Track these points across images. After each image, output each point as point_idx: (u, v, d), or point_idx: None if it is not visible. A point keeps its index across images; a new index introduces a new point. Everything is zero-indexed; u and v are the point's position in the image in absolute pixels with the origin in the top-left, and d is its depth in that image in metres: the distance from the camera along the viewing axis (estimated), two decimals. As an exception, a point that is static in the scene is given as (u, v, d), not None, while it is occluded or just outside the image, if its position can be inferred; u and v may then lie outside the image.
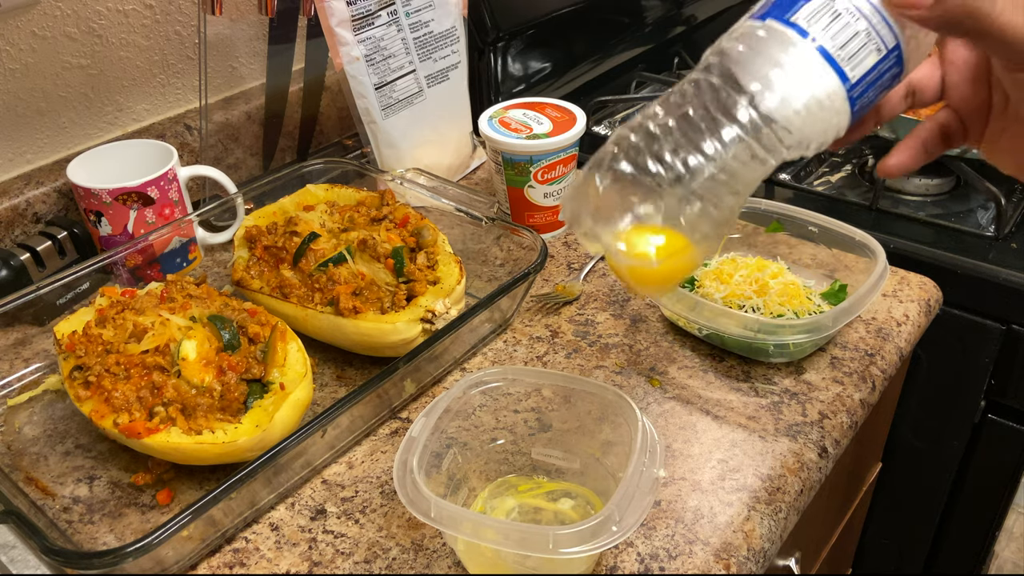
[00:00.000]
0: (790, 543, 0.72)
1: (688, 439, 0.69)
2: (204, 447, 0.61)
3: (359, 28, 0.90)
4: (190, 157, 1.00)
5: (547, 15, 1.24)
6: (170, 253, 0.86)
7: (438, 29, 0.98)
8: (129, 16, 0.95)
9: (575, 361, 0.77)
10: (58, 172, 0.90)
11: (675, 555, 0.60)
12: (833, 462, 0.71)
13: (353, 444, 0.69)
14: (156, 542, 0.53)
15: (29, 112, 0.90)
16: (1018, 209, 0.99)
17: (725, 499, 0.64)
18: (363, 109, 0.93)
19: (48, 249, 0.86)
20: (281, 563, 0.60)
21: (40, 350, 0.78)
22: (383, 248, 0.76)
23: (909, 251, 0.94)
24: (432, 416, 0.59)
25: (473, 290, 0.84)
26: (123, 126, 0.99)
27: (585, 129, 0.92)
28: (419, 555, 0.60)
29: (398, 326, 0.71)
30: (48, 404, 0.73)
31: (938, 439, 1.09)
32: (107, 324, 0.69)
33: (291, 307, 0.74)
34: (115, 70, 0.96)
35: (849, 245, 0.81)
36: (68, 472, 0.67)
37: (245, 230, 0.81)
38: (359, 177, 0.93)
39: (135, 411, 0.63)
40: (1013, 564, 1.66)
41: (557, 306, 0.85)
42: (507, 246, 0.84)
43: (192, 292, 0.73)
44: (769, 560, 0.63)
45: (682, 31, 1.54)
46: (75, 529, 0.62)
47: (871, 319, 0.82)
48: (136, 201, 0.83)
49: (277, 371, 0.67)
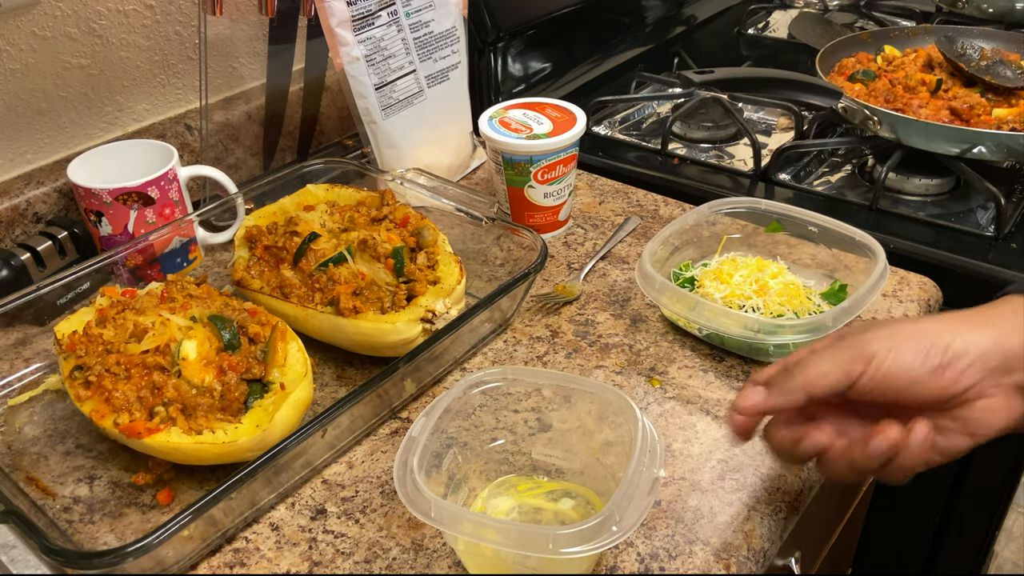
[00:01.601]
0: (790, 543, 0.72)
1: (688, 439, 0.69)
2: (204, 447, 0.61)
3: (359, 28, 0.90)
4: (190, 157, 1.00)
5: (547, 15, 1.24)
6: (170, 253, 0.86)
7: (438, 29, 0.98)
8: (129, 16, 0.95)
9: (575, 361, 0.77)
10: (58, 172, 0.90)
11: (675, 555, 0.60)
12: (833, 462, 0.71)
13: (353, 444, 0.69)
14: (156, 542, 0.53)
15: (29, 112, 0.90)
16: (1018, 209, 0.99)
17: (725, 499, 0.64)
18: (363, 109, 0.93)
19: (48, 249, 0.86)
20: (281, 563, 0.60)
21: (40, 350, 0.78)
22: (383, 248, 0.76)
23: (909, 251, 0.94)
24: (432, 416, 0.59)
25: (473, 290, 0.84)
26: (123, 126, 0.99)
27: (585, 129, 0.92)
28: (419, 555, 0.60)
29: (398, 326, 0.71)
30: (48, 404, 0.73)
31: (938, 439, 1.08)
32: (107, 324, 0.69)
33: (291, 307, 0.74)
34: (115, 70, 0.96)
35: (849, 245, 0.81)
36: (68, 472, 0.67)
37: (245, 230, 0.81)
38: (359, 177, 0.93)
39: (135, 411, 0.63)
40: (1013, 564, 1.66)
41: (557, 306, 0.85)
42: (507, 246, 0.84)
43: (192, 292, 0.73)
44: (769, 560, 0.63)
45: (682, 31, 1.54)
46: (75, 529, 0.62)
47: (871, 319, 0.82)
48: (136, 201, 0.83)
49: (277, 371, 0.67)
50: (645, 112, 1.27)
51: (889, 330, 0.48)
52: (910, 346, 0.47)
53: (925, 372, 0.46)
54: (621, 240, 0.94)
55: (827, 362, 0.49)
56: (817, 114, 1.15)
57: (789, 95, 1.17)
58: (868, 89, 1.11)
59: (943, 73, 1.14)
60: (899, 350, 0.47)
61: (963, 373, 0.47)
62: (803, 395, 0.50)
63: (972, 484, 1.08)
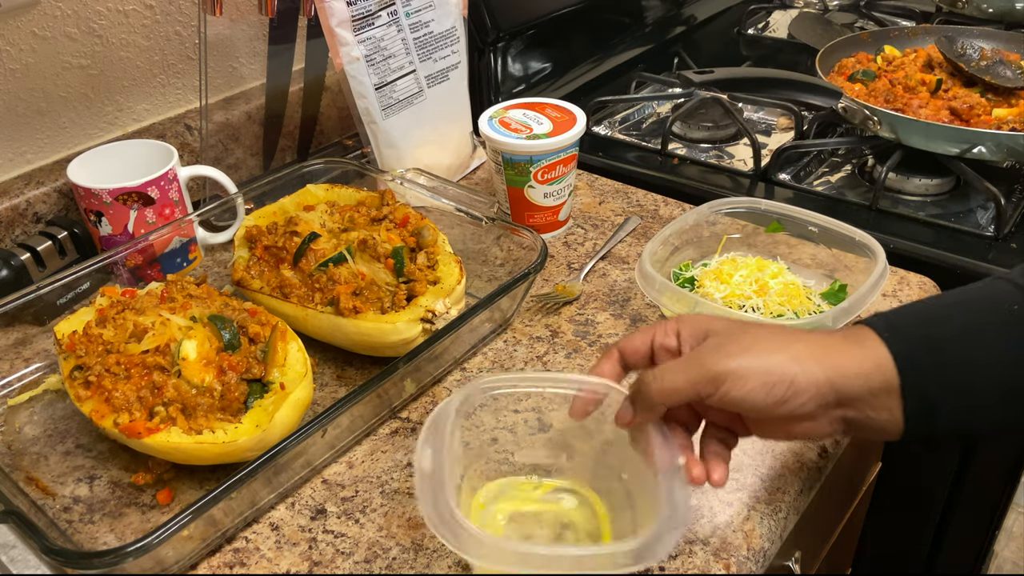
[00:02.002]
0: (790, 543, 0.72)
1: (688, 439, 0.69)
2: (204, 447, 0.61)
3: (359, 28, 0.90)
4: (190, 157, 1.00)
5: (547, 15, 1.24)
6: (170, 253, 0.86)
7: (438, 29, 0.98)
8: (129, 16, 0.95)
9: (575, 361, 0.77)
10: (58, 172, 0.90)
11: (675, 555, 0.60)
12: (833, 462, 0.71)
13: (353, 444, 0.69)
14: (156, 542, 0.53)
15: (29, 112, 0.90)
16: (1018, 209, 0.99)
17: (725, 499, 0.64)
18: (363, 109, 0.93)
19: (48, 249, 0.86)
20: (281, 563, 0.60)
21: (40, 350, 0.78)
22: (383, 248, 0.76)
23: (909, 251, 0.94)
24: (437, 439, 0.56)
25: (473, 290, 0.84)
26: (123, 126, 0.99)
27: (585, 129, 0.92)
28: (419, 555, 0.60)
29: (398, 326, 0.71)
30: (48, 404, 0.73)
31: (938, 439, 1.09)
32: (107, 324, 0.69)
33: (291, 307, 0.74)
34: (115, 70, 0.96)
35: (849, 245, 0.81)
36: (68, 472, 0.67)
37: (245, 230, 0.81)
38: (359, 177, 0.93)
39: (135, 411, 0.63)
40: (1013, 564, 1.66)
41: (557, 306, 0.85)
42: (507, 246, 0.84)
43: (192, 292, 0.73)
44: (769, 560, 0.63)
45: (682, 31, 1.54)
46: (75, 529, 0.62)
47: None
48: (136, 201, 0.83)
49: (277, 371, 0.67)
50: (645, 112, 1.27)
51: (740, 355, 0.51)
52: (757, 380, 0.50)
53: (768, 404, 0.51)
54: (621, 240, 0.94)
55: (680, 378, 0.52)
56: (817, 114, 1.15)
57: (789, 95, 1.17)
58: (868, 89, 1.11)
59: (943, 73, 1.14)
60: (746, 381, 0.50)
61: (801, 406, 0.51)
62: (662, 408, 0.54)
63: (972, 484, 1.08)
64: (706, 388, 0.51)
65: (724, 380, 0.51)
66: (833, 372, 0.51)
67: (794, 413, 0.51)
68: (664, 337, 0.56)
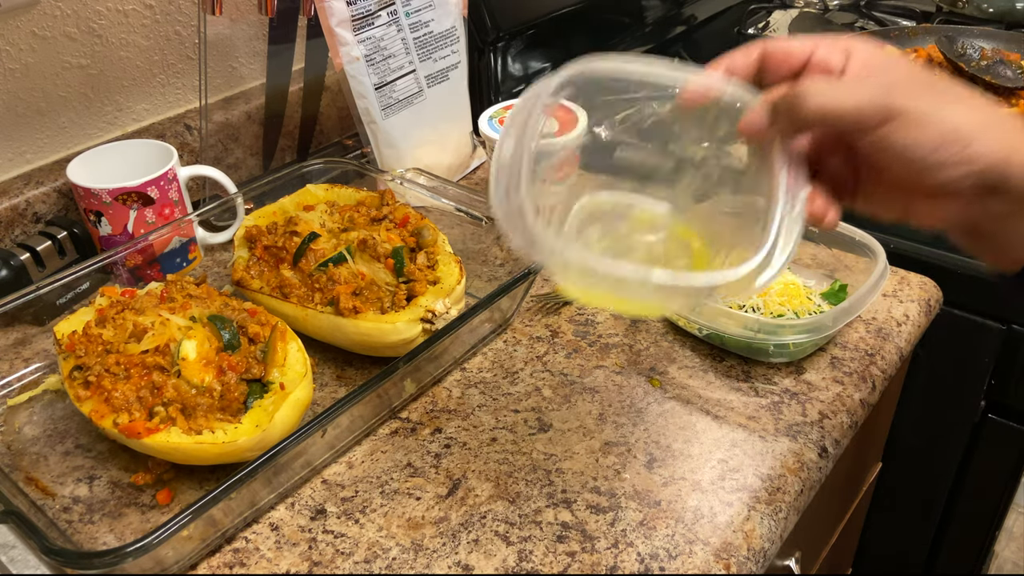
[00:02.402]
0: (790, 543, 0.72)
1: (688, 439, 0.69)
2: (204, 447, 0.61)
3: (359, 28, 0.90)
4: (190, 157, 1.00)
5: (547, 15, 1.24)
6: (170, 253, 0.86)
7: (438, 29, 0.98)
8: (129, 16, 0.95)
9: (575, 361, 0.77)
10: (58, 172, 0.90)
11: (675, 555, 0.60)
12: (833, 462, 0.71)
13: (353, 444, 0.69)
14: (156, 542, 0.53)
15: (29, 112, 0.90)
16: (1018, 209, 0.99)
17: (725, 499, 0.64)
18: (363, 109, 0.93)
19: (48, 249, 0.86)
20: (281, 563, 0.60)
21: (40, 350, 0.78)
22: (383, 248, 0.76)
23: (909, 251, 0.94)
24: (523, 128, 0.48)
25: (473, 290, 0.84)
26: (123, 126, 0.99)
27: (586, 129, 0.92)
28: (419, 555, 0.60)
29: (398, 326, 0.71)
30: (48, 404, 0.73)
31: (938, 439, 1.09)
32: (107, 324, 0.69)
33: (291, 307, 0.74)
34: (115, 70, 0.96)
35: (849, 245, 0.81)
36: (68, 472, 0.67)
37: (245, 230, 0.81)
38: (359, 177, 0.93)
39: (135, 411, 0.63)
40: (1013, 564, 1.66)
41: (557, 306, 0.85)
42: (507, 246, 0.84)
43: (192, 292, 0.73)
44: (769, 560, 0.63)
45: (682, 31, 1.54)
46: (75, 529, 0.62)
47: (871, 319, 0.82)
48: (136, 201, 0.83)
49: (277, 371, 0.67)
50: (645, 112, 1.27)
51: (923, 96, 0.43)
52: (934, 130, 0.42)
53: (928, 163, 0.42)
54: (621, 240, 0.94)
55: (849, 99, 0.43)
56: (817, 114, 1.15)
57: (789, 95, 1.17)
58: (868, 89, 1.11)
59: (943, 73, 1.14)
60: (920, 128, 0.42)
61: (960, 178, 0.43)
62: (806, 129, 0.47)
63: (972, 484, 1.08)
64: (871, 120, 0.43)
65: (895, 117, 0.43)
66: (1016, 155, 0.42)
67: (944, 185, 0.43)
68: (830, 53, 0.47)
